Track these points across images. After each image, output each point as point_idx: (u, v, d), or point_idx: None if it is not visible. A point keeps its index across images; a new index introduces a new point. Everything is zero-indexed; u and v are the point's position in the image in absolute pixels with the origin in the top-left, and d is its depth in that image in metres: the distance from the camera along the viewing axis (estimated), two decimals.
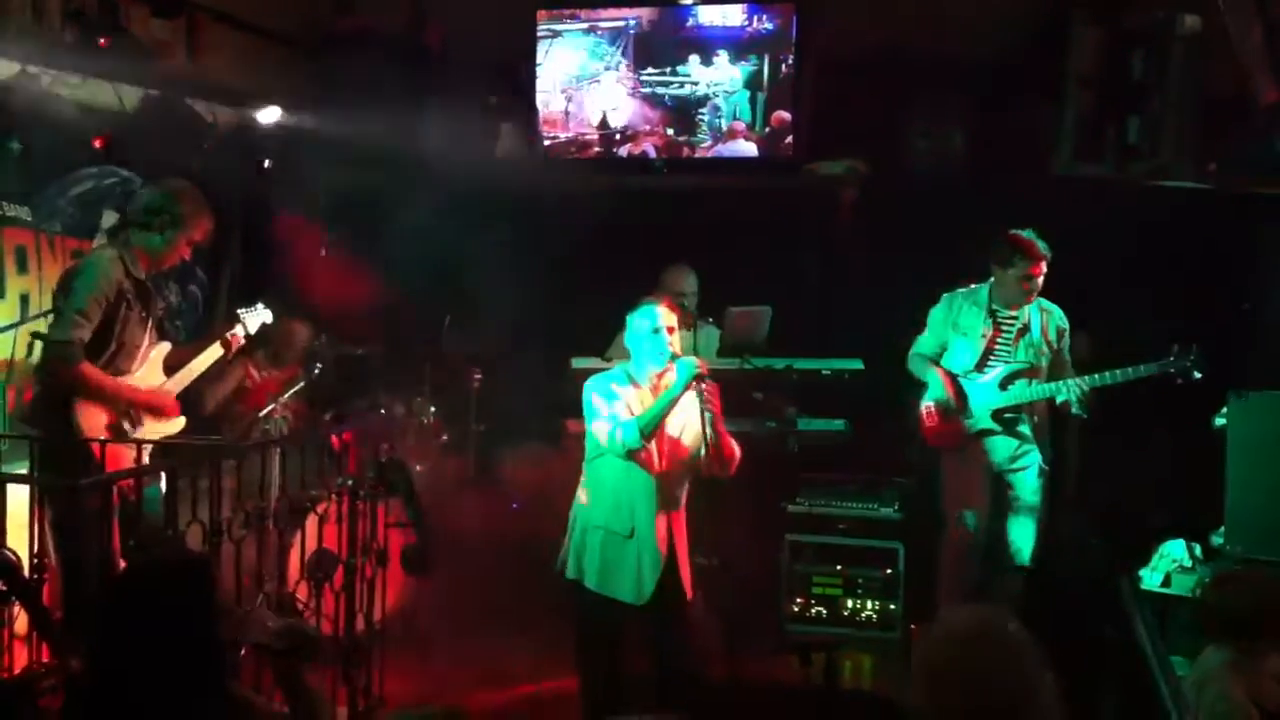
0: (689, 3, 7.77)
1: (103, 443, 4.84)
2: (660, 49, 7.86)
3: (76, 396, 4.89)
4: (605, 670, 4.92)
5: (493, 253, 7.13)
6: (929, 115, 7.58)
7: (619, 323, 5.43)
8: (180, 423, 5.36)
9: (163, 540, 4.33)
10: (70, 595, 4.74)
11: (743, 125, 7.73)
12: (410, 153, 7.51)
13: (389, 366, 7.28)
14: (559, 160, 8.01)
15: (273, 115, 7.51)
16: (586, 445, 4.92)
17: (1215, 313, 5.83)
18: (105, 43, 6.08)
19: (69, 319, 4.88)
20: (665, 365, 4.82)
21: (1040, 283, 5.99)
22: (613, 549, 4.78)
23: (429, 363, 7.27)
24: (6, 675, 4.40)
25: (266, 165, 7.73)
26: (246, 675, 4.02)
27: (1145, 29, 6.89)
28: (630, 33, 7.85)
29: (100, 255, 5.12)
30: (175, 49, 7.08)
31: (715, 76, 7.73)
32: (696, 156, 7.86)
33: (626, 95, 7.88)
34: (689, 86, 7.78)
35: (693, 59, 7.75)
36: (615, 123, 7.92)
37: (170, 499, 4.39)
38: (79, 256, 6.16)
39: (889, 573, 6.25)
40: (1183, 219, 6.83)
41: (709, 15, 7.76)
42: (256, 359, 7.01)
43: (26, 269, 6.15)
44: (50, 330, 5.00)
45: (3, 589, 3.94)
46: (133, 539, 4.58)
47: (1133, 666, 4.57)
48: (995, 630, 2.37)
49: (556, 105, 8.00)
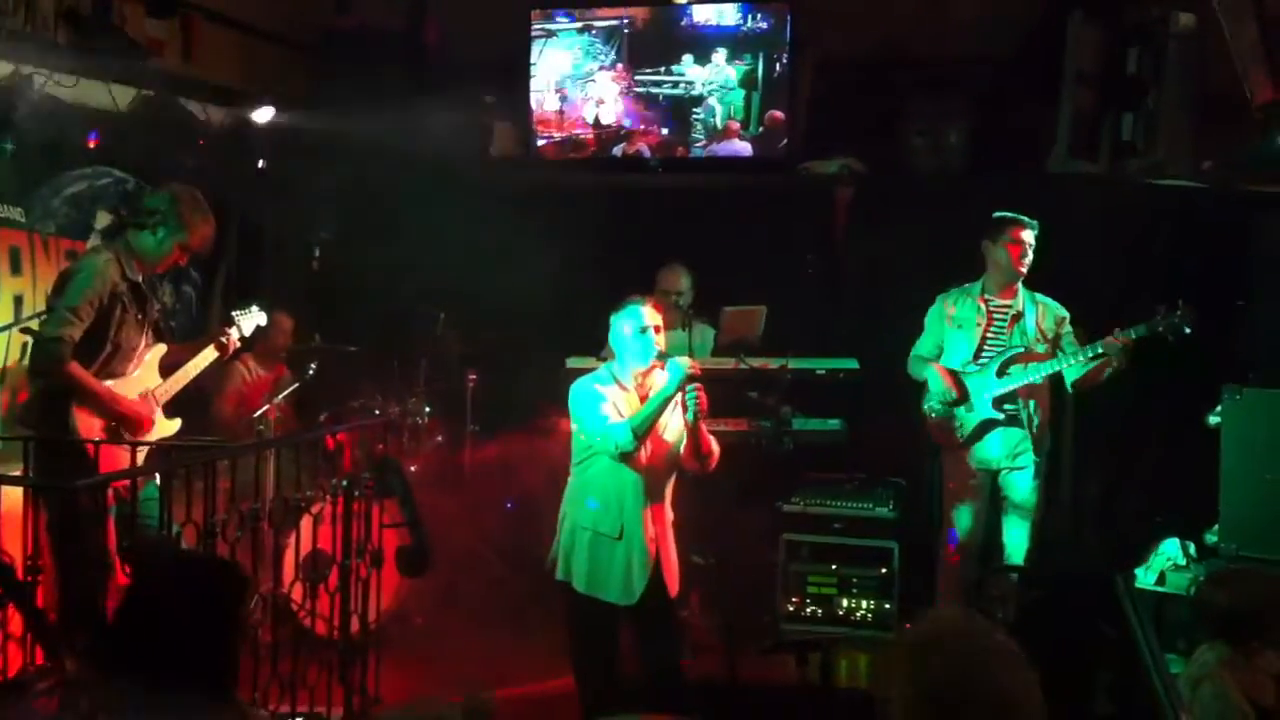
0: (683, 2, 7.76)
1: (97, 444, 4.84)
2: (654, 48, 7.84)
3: (73, 398, 4.89)
4: (601, 670, 4.91)
5: (487, 252, 7.12)
6: (924, 113, 7.58)
7: None
8: (176, 424, 5.36)
9: (157, 544, 4.32)
10: (66, 597, 4.73)
11: (737, 124, 7.73)
12: (406, 151, 7.50)
13: (384, 366, 7.27)
14: (554, 159, 8.00)
15: (267, 115, 7.49)
16: (573, 446, 4.92)
17: (1210, 310, 5.82)
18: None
19: (60, 316, 4.88)
20: (650, 364, 4.81)
21: (1029, 252, 6.00)
22: (601, 550, 4.77)
23: (424, 362, 7.26)
24: (1, 677, 4.40)
25: (261, 165, 7.72)
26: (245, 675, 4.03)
27: (1141, 27, 6.91)
28: (624, 32, 7.84)
29: (96, 257, 5.11)
30: (170, 48, 7.08)
31: (710, 76, 7.72)
32: (691, 156, 7.85)
33: (621, 94, 7.88)
34: (683, 86, 7.77)
35: (687, 58, 7.74)
36: (609, 122, 7.91)
37: (165, 500, 4.39)
38: (73, 257, 6.14)
39: (884, 572, 6.26)
40: (1178, 216, 6.84)
41: (703, 14, 7.74)
42: (249, 359, 7.02)
43: (20, 270, 6.12)
44: (41, 327, 5.00)
45: None
46: (127, 541, 4.59)
47: (1128, 664, 4.58)
48: (978, 633, 2.37)
49: (551, 104, 7.99)
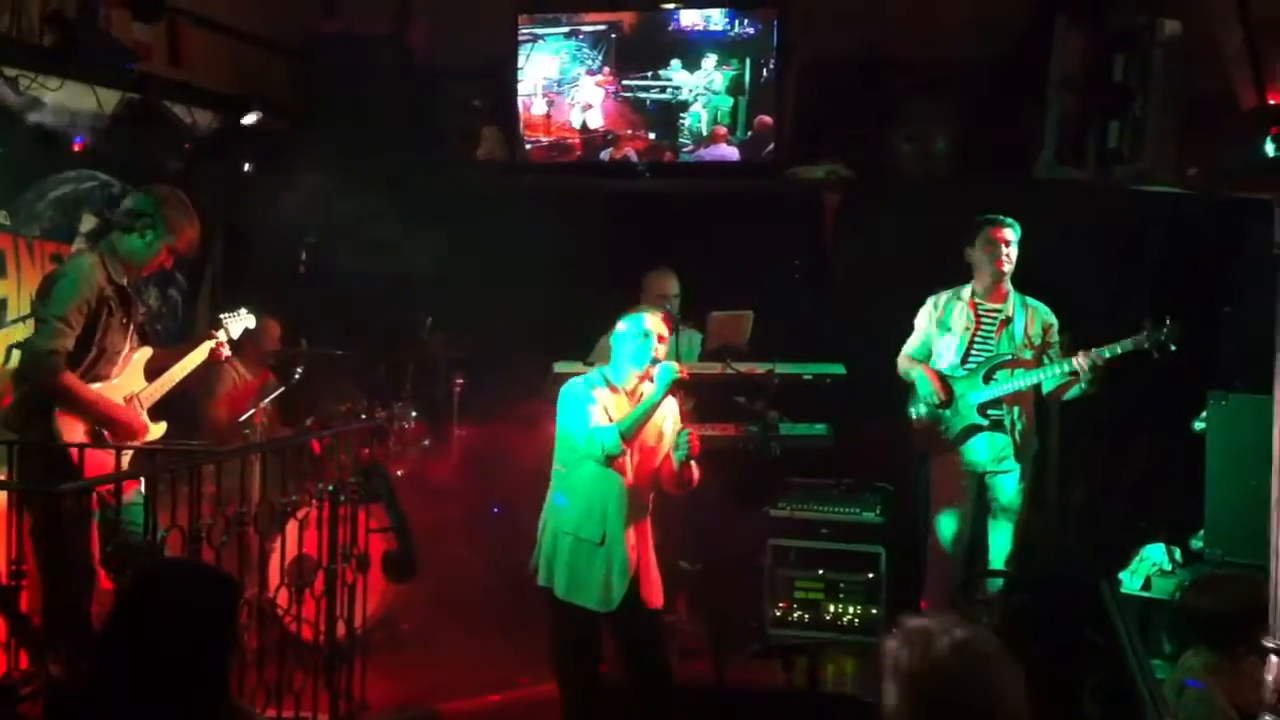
0: (670, 7, 7.76)
1: (82, 448, 4.81)
2: (642, 53, 7.83)
3: (57, 404, 4.86)
4: (584, 676, 4.91)
5: (474, 256, 7.11)
6: (911, 119, 7.58)
7: (601, 326, 5.40)
8: (161, 428, 5.34)
9: (140, 551, 4.30)
10: (50, 601, 4.71)
11: (724, 129, 7.73)
12: (393, 155, 7.49)
13: (370, 370, 7.25)
14: (541, 164, 7.99)
15: (253, 118, 7.47)
16: (558, 449, 4.92)
17: (1196, 316, 5.84)
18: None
19: (52, 327, 4.84)
20: (646, 369, 4.82)
21: (1010, 253, 6.02)
22: (582, 556, 4.77)
23: (411, 366, 7.25)
24: None
25: (247, 169, 7.70)
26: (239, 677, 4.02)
27: (1127, 33, 6.91)
28: (612, 36, 7.84)
29: (81, 261, 5.08)
30: (156, 52, 7.05)
31: (697, 80, 7.72)
32: (678, 161, 7.85)
33: (608, 99, 7.87)
34: (671, 90, 7.77)
35: (674, 63, 7.74)
36: (597, 126, 7.90)
37: (150, 505, 4.37)
38: (58, 260, 6.12)
39: (871, 577, 6.26)
40: (1164, 223, 6.86)
41: (690, 19, 7.74)
42: (237, 363, 6.99)
43: (5, 273, 6.09)
44: (33, 338, 4.96)
45: None
46: (110, 545, 4.57)
47: (1113, 669, 4.59)
48: (964, 635, 2.38)
49: (538, 109, 7.99)
